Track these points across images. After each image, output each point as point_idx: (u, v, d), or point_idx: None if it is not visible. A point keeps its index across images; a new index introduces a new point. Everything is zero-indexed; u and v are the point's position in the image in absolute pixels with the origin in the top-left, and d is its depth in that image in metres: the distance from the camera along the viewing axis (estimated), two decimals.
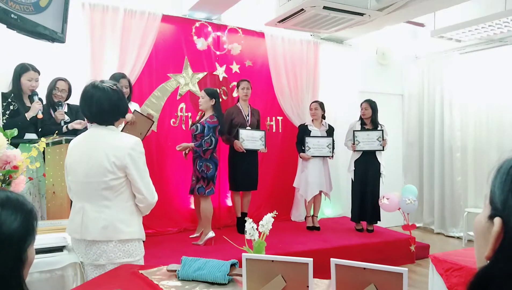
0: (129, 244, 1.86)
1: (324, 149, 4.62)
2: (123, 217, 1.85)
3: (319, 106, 4.74)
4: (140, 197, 1.87)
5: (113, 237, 1.82)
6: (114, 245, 1.83)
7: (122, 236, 1.83)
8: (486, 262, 0.65)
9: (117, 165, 1.80)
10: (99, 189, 1.82)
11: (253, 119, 4.52)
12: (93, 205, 1.84)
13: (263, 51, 5.09)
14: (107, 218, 1.82)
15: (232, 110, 4.51)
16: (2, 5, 1.91)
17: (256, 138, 4.40)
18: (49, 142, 2.69)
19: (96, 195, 1.83)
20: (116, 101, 1.89)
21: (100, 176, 1.80)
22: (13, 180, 2.00)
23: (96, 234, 1.81)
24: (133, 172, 1.83)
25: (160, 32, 4.40)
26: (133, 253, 1.88)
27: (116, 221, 1.83)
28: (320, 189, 4.65)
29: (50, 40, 2.43)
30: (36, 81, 3.27)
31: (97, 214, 1.82)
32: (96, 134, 1.89)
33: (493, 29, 4.70)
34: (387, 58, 6.12)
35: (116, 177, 1.81)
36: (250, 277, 1.41)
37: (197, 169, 3.93)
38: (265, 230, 1.72)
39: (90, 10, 3.99)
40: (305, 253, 3.66)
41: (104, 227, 1.81)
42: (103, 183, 1.80)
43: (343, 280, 1.32)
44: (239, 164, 4.35)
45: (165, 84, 4.58)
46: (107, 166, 1.79)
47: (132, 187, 1.86)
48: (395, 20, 4.76)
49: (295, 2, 3.83)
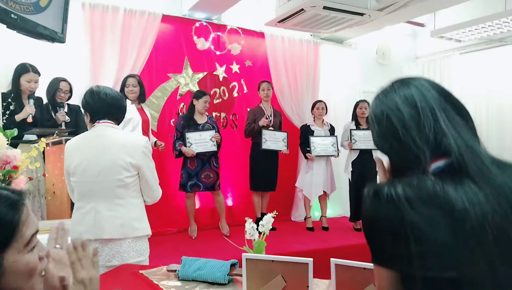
0: (141, 243, 1.91)
1: (330, 148, 4.61)
2: (135, 214, 1.90)
3: (324, 106, 4.73)
4: (151, 193, 1.96)
5: (128, 234, 1.86)
6: (128, 244, 1.85)
7: (137, 233, 1.89)
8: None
9: (133, 164, 1.86)
10: (112, 187, 1.84)
11: (275, 120, 4.53)
12: (106, 203, 1.86)
13: (263, 51, 5.09)
14: (122, 216, 1.86)
15: (254, 111, 4.51)
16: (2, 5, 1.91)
17: (278, 139, 4.40)
18: (49, 142, 2.69)
19: (109, 194, 1.85)
20: (117, 98, 1.95)
21: (115, 174, 1.83)
22: (13, 180, 2.00)
23: (113, 232, 1.83)
24: (147, 170, 1.90)
25: (160, 32, 4.40)
26: (143, 252, 1.92)
27: (130, 219, 1.88)
28: (324, 189, 4.65)
29: (50, 40, 2.43)
30: (36, 83, 3.26)
31: (111, 212, 1.85)
32: (103, 133, 1.89)
33: (493, 29, 4.70)
34: (387, 58, 6.12)
35: (131, 174, 1.86)
36: (250, 277, 1.41)
37: (214, 166, 4.11)
38: (265, 230, 1.72)
39: (90, 10, 3.99)
40: (305, 253, 3.65)
41: (121, 225, 1.85)
42: (117, 181, 1.84)
43: (343, 280, 1.32)
44: (260, 164, 4.36)
45: (165, 84, 4.58)
46: (122, 164, 1.84)
47: (145, 184, 1.93)
48: (395, 20, 4.76)
49: (295, 2, 3.83)
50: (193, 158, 4.04)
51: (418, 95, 0.86)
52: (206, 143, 4.02)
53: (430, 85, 0.88)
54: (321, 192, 4.64)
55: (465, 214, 0.74)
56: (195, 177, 4.08)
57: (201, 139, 4.01)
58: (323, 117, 4.73)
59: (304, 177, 4.69)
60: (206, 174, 4.08)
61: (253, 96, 4.94)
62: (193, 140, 3.99)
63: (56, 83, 3.49)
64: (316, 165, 4.62)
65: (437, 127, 0.82)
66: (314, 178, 4.60)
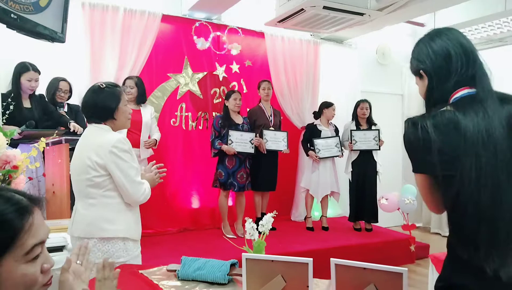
0: (110, 244, 1.82)
1: (334, 149, 4.61)
2: (108, 215, 1.84)
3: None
4: (124, 193, 1.85)
5: (94, 234, 1.81)
6: (93, 244, 1.79)
7: (104, 234, 1.81)
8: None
9: (99, 163, 1.81)
10: (85, 186, 1.84)
11: (275, 120, 4.53)
12: (82, 203, 1.87)
13: (263, 51, 5.09)
14: (92, 215, 1.83)
15: (254, 110, 4.51)
16: (2, 5, 1.91)
17: (279, 139, 4.41)
18: (49, 142, 2.69)
19: (83, 192, 1.86)
20: (101, 98, 1.89)
21: (84, 174, 1.83)
22: (13, 180, 2.00)
23: (81, 230, 1.84)
24: (115, 169, 1.81)
25: (160, 32, 4.40)
26: (114, 254, 1.81)
27: (100, 219, 1.82)
28: (332, 190, 4.65)
29: (50, 40, 2.43)
30: (36, 81, 3.26)
31: (84, 211, 1.85)
32: (87, 133, 1.94)
33: (493, 29, 4.70)
34: (387, 58, 6.12)
35: (99, 174, 1.82)
36: (250, 277, 1.41)
37: (247, 167, 4.21)
38: (265, 230, 1.72)
39: (90, 10, 3.99)
40: (305, 253, 3.66)
41: (88, 224, 1.83)
42: (87, 180, 1.83)
43: (343, 280, 1.32)
44: (261, 164, 4.37)
45: (165, 84, 4.58)
46: (89, 163, 1.81)
47: (116, 184, 1.84)
48: (395, 20, 4.76)
49: (295, 2, 3.83)
50: (231, 157, 4.09)
51: (468, 43, 1.24)
52: (245, 144, 4.12)
53: (461, 35, 1.26)
54: (328, 192, 4.64)
55: (466, 128, 1.10)
56: (232, 176, 4.12)
57: (242, 139, 4.11)
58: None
59: (311, 177, 4.67)
60: (241, 174, 4.15)
61: (253, 96, 4.94)
62: (235, 138, 4.08)
63: (56, 83, 3.49)
64: (322, 165, 4.62)
65: (476, 66, 1.21)
66: (321, 178, 4.60)
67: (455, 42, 1.22)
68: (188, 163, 4.66)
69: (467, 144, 1.09)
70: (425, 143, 1.13)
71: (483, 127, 1.09)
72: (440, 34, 1.25)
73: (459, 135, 1.10)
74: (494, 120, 1.11)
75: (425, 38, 1.30)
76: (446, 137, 1.11)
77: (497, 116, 1.11)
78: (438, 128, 1.12)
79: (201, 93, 4.78)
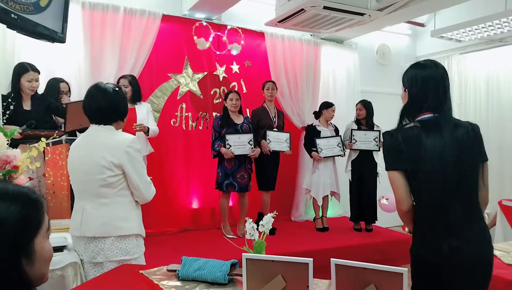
0: (126, 242, 1.89)
1: (335, 148, 4.60)
2: (121, 213, 1.89)
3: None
4: (137, 193, 1.92)
5: (111, 233, 1.85)
6: (111, 243, 1.85)
7: (120, 232, 1.87)
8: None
9: (115, 163, 1.84)
10: (97, 186, 1.85)
11: (279, 121, 4.52)
12: (92, 203, 1.88)
13: (263, 51, 5.08)
14: (106, 215, 1.86)
15: (259, 111, 4.49)
16: (2, 5, 1.91)
17: (282, 140, 4.40)
18: (49, 142, 2.68)
19: (94, 193, 1.87)
20: (115, 101, 1.94)
21: (98, 174, 1.84)
22: (13, 180, 2.00)
23: (95, 230, 1.85)
24: (130, 169, 1.87)
25: (160, 32, 4.40)
26: (130, 251, 1.90)
27: (115, 218, 1.87)
28: (332, 190, 4.65)
29: (50, 40, 2.43)
30: (37, 81, 3.24)
31: (95, 211, 1.86)
32: (94, 133, 1.94)
33: (493, 29, 4.70)
34: (387, 58, 6.12)
35: (114, 174, 1.85)
36: (250, 277, 1.41)
37: (248, 167, 4.17)
38: (265, 230, 1.72)
39: (90, 10, 3.99)
40: (305, 253, 3.65)
41: (103, 223, 1.85)
42: (101, 180, 1.84)
43: (343, 280, 1.32)
44: (263, 165, 4.36)
45: (165, 84, 4.58)
46: (104, 163, 1.83)
47: (129, 183, 1.90)
48: (395, 20, 4.77)
49: (295, 2, 3.82)
50: (231, 158, 4.08)
51: (440, 74, 1.64)
52: (244, 146, 4.08)
53: (445, 72, 1.66)
54: (328, 192, 4.63)
55: (427, 145, 1.55)
56: (231, 176, 4.11)
57: (239, 141, 4.08)
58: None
59: (312, 177, 4.67)
60: (241, 175, 4.12)
61: (253, 96, 4.93)
62: (232, 142, 4.05)
63: (56, 84, 3.48)
64: (323, 165, 4.61)
65: (445, 98, 1.62)
66: (321, 178, 4.59)
67: (438, 76, 1.61)
68: (188, 163, 4.66)
69: (427, 156, 1.54)
70: (397, 148, 1.58)
71: (438, 145, 1.53)
72: (430, 67, 1.63)
73: (421, 149, 1.55)
74: (447, 141, 1.54)
75: (418, 66, 1.66)
76: (412, 147, 1.56)
77: (450, 138, 1.54)
78: (406, 140, 1.58)
79: (201, 93, 4.78)
